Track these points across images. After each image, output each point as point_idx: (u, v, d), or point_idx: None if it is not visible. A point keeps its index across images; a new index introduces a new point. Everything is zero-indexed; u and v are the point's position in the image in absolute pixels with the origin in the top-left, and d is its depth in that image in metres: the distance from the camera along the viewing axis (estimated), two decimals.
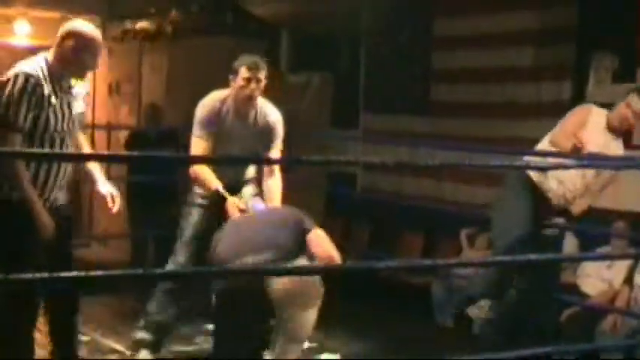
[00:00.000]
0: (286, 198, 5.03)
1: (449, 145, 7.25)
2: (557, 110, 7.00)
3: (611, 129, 5.25)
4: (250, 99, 4.83)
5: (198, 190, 5.03)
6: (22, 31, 10.50)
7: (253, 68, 4.81)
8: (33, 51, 10.39)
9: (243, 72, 4.81)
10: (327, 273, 4.01)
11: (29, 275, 3.16)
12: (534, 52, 7.14)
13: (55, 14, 10.17)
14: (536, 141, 6.96)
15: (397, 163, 6.94)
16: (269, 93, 4.97)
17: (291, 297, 4.10)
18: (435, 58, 8.05)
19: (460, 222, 7.22)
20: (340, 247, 4.36)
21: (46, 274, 3.18)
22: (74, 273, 3.17)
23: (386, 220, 8.17)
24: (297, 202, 8.39)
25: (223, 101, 4.90)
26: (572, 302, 6.11)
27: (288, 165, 5.81)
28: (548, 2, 7.02)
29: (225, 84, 4.91)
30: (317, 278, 4.20)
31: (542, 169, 5.31)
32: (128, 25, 9.65)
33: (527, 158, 5.59)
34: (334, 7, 8.39)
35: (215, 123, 4.86)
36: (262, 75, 4.85)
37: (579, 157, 4.99)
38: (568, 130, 5.17)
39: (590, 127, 5.20)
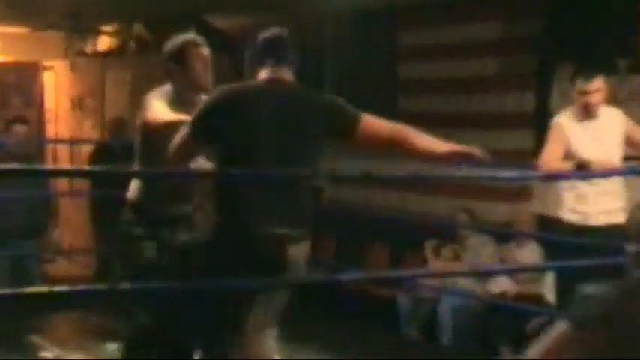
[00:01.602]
0: None
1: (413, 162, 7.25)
2: (521, 121, 7.08)
3: (582, 119, 5.33)
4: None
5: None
6: None
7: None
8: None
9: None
10: (292, 285, 3.96)
11: None
12: (498, 63, 7.20)
13: (20, 30, 10.13)
14: (501, 152, 7.06)
15: (364, 175, 6.92)
16: None
17: None
18: (400, 69, 8.09)
19: (425, 233, 7.24)
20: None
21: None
22: (41, 288, 3.12)
23: (352, 231, 8.17)
24: None
25: None
26: (537, 313, 6.14)
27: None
28: (512, 13, 7.08)
29: None
30: None
31: (510, 180, 5.34)
32: (91, 40, 9.61)
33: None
34: (297, 18, 8.40)
35: None
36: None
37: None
38: (556, 152, 5.22)
39: (571, 135, 5.27)
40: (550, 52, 6.91)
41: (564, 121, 5.36)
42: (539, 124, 6.99)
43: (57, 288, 2.81)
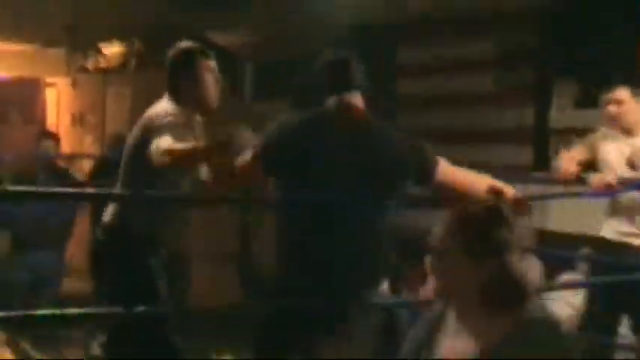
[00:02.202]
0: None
1: None
2: (520, 136, 7.09)
3: (620, 133, 5.19)
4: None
5: None
6: None
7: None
8: None
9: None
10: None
11: None
12: (496, 78, 7.22)
13: (18, 46, 10.16)
14: (500, 167, 7.06)
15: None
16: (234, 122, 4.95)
17: None
18: (399, 85, 8.11)
19: (425, 249, 7.22)
20: None
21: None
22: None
23: None
24: (266, 230, 8.37)
25: None
26: None
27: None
28: (510, 28, 7.11)
29: None
30: None
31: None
32: (92, 56, 9.64)
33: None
34: (296, 34, 8.43)
35: None
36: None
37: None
38: (578, 153, 5.16)
39: (602, 145, 5.18)
40: (549, 66, 6.93)
41: (601, 132, 5.25)
42: (539, 139, 7.01)
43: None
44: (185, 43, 3.99)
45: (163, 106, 3.81)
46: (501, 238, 2.37)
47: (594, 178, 5.04)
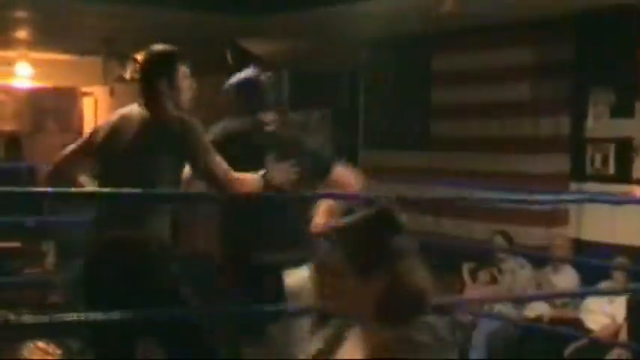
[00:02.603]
0: None
1: (449, 182, 7.28)
2: (556, 145, 7.06)
3: None
4: None
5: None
6: (23, 73, 10.59)
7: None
8: (35, 92, 10.50)
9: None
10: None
11: None
12: (532, 87, 7.19)
13: (55, 56, 10.27)
14: (537, 176, 7.04)
15: (397, 196, 6.91)
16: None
17: None
18: (434, 93, 8.11)
19: (461, 257, 7.21)
20: None
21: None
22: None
23: None
24: None
25: None
26: (575, 337, 6.09)
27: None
28: (546, 37, 7.09)
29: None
30: None
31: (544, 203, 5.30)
32: (129, 66, 9.72)
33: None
34: (331, 44, 8.46)
35: None
36: None
37: None
38: None
39: None
40: (585, 76, 6.91)
41: None
42: (576, 148, 6.98)
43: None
44: (161, 46, 3.92)
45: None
46: (390, 248, 2.10)
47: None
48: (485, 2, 6.25)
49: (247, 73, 4.18)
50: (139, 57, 9.53)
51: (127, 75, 9.49)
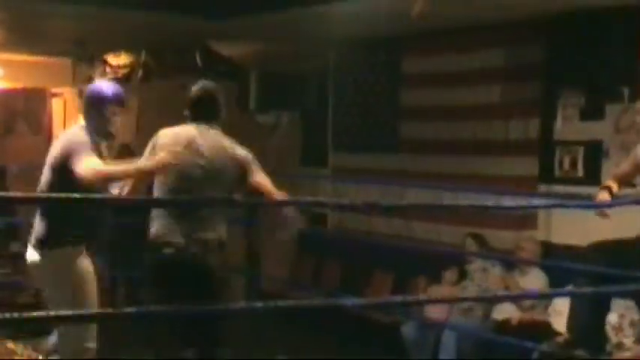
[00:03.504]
0: (258, 237, 5.04)
1: (419, 184, 7.31)
2: (526, 147, 7.09)
3: None
4: None
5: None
6: None
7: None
8: (5, 93, 10.42)
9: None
10: (294, 311, 3.98)
11: None
12: (502, 90, 7.22)
13: (25, 57, 10.19)
14: (506, 178, 7.07)
15: (366, 204, 6.92)
16: (238, 132, 4.96)
17: None
18: (403, 96, 8.12)
19: (430, 261, 7.22)
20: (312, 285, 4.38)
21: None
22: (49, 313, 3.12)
23: (356, 258, 8.17)
24: (269, 240, 8.38)
25: None
26: (541, 340, 6.11)
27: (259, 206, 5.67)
28: (515, 40, 7.12)
29: None
30: None
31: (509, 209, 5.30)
32: (98, 67, 9.66)
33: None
34: (301, 46, 8.46)
35: None
36: None
37: None
38: (621, 169, 4.98)
39: None
40: (554, 78, 6.94)
41: None
42: (545, 151, 7.02)
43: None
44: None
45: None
46: None
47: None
48: (455, 4, 6.27)
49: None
50: (108, 58, 9.52)
51: (96, 76, 9.43)
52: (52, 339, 5.12)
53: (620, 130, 6.48)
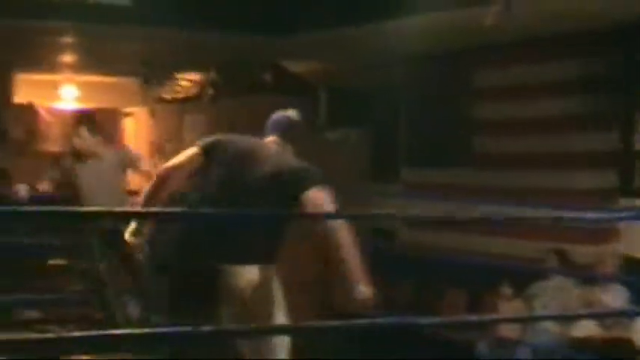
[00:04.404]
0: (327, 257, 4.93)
1: (493, 201, 7.13)
2: (605, 160, 6.90)
3: None
4: None
5: None
6: (68, 96, 10.75)
7: None
8: (79, 113, 10.64)
9: None
10: (370, 329, 3.88)
11: None
12: (579, 101, 7.04)
13: (98, 78, 10.38)
14: (586, 192, 6.88)
15: (439, 218, 6.79)
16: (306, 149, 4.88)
17: None
18: (476, 109, 7.99)
19: (505, 276, 7.05)
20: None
21: None
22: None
23: (428, 275, 8.03)
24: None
25: None
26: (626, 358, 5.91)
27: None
28: (593, 51, 6.93)
29: None
30: None
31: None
32: (169, 87, 9.78)
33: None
34: (371, 62, 8.39)
35: None
36: None
37: None
38: None
39: None
40: (633, 89, 6.75)
41: None
42: (625, 163, 6.82)
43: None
44: None
45: None
46: None
47: None
48: (530, 14, 6.12)
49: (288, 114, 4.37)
50: (178, 78, 9.62)
51: (167, 95, 9.55)
52: None
53: None
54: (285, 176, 3.96)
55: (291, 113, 4.35)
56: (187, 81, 9.53)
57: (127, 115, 10.82)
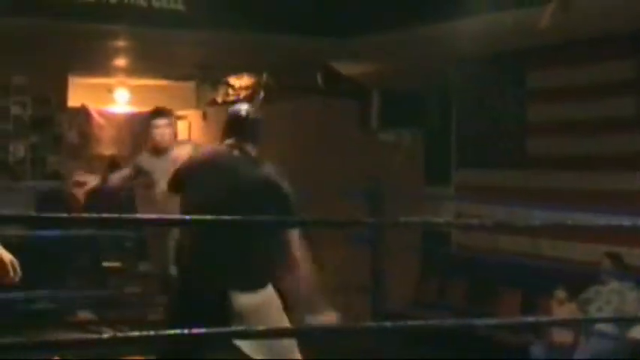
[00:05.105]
0: (381, 259, 4.94)
1: (549, 206, 7.03)
2: None
3: None
4: None
5: None
6: (121, 99, 10.87)
7: None
8: (132, 117, 10.76)
9: None
10: (423, 330, 3.87)
11: None
12: (635, 102, 6.95)
13: (151, 82, 10.48)
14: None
15: (496, 223, 6.74)
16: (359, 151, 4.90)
17: None
18: (530, 111, 7.93)
19: (559, 279, 6.98)
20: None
21: None
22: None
23: (482, 277, 7.99)
24: (393, 262, 8.30)
25: None
26: None
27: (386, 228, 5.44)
28: None
29: (318, 143, 4.87)
30: None
31: None
32: (221, 89, 9.84)
33: None
34: (423, 63, 8.37)
35: None
36: None
37: None
38: None
39: None
40: None
41: None
42: None
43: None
44: None
45: None
46: None
47: None
48: (586, 14, 6.06)
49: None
50: (231, 80, 9.68)
51: (219, 98, 9.61)
52: None
53: None
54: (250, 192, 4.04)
55: (245, 109, 4.43)
56: (240, 84, 9.59)
57: (180, 118, 10.89)
